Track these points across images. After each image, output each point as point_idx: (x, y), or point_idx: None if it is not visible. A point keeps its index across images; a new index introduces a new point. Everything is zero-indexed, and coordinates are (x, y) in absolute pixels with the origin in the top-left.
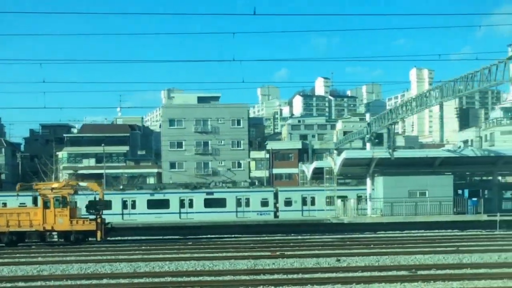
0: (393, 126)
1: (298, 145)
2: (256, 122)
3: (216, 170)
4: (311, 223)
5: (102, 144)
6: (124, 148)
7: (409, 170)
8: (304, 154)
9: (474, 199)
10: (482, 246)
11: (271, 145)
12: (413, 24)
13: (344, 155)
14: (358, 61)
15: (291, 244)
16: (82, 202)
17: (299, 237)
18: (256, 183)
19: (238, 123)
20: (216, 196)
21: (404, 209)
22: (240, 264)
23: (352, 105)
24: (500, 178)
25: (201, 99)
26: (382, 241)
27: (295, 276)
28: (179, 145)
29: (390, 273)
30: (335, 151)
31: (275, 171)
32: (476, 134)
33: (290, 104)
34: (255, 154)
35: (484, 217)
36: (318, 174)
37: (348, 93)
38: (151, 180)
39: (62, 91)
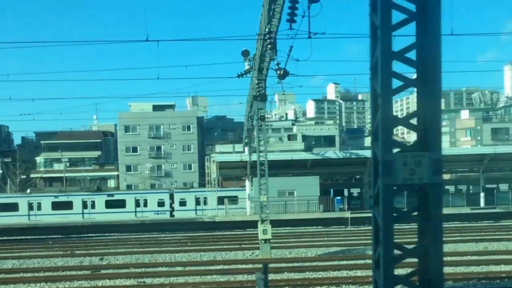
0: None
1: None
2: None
3: (168, 172)
4: (185, 222)
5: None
6: (96, 153)
7: (285, 171)
8: None
9: (338, 197)
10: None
11: (219, 148)
12: None
13: (216, 159)
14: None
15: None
16: None
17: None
18: (188, 185)
19: (188, 129)
20: (116, 197)
21: (273, 208)
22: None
23: (361, 108)
24: None
25: (156, 108)
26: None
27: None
28: (134, 149)
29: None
30: (214, 155)
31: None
32: None
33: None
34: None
35: (347, 214)
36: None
37: (359, 97)
38: (112, 183)
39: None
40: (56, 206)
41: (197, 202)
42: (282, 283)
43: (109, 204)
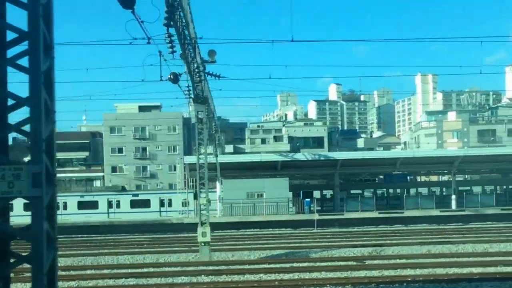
0: (217, 136)
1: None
2: (231, 126)
3: (154, 173)
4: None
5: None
6: (84, 154)
7: (256, 173)
8: None
9: (308, 199)
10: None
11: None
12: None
13: (185, 160)
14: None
15: None
16: None
17: None
18: (173, 186)
19: (174, 130)
20: (87, 199)
21: (242, 210)
22: None
23: (363, 109)
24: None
25: (142, 108)
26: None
27: None
28: (120, 150)
29: None
30: (185, 157)
31: None
32: (411, 137)
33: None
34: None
35: (316, 216)
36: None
37: (362, 98)
38: (98, 183)
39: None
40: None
41: (161, 203)
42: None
43: (82, 206)
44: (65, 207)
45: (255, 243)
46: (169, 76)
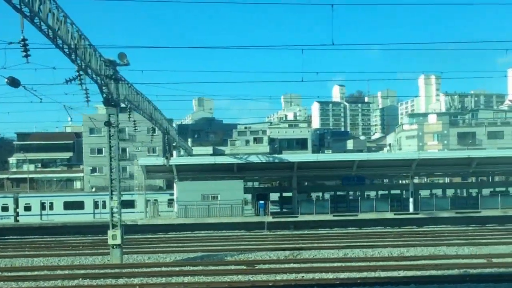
0: (167, 137)
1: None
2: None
3: (133, 174)
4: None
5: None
6: (68, 154)
7: (212, 175)
8: None
9: (261, 202)
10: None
11: (197, 150)
12: None
13: (140, 162)
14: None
15: None
16: None
17: None
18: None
19: (153, 131)
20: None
21: (196, 212)
22: None
23: (366, 110)
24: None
25: (123, 109)
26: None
27: None
28: (99, 151)
29: None
30: (140, 159)
31: None
32: (394, 138)
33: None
34: None
35: (268, 218)
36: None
37: (366, 99)
38: (78, 184)
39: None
40: None
41: (42, 207)
42: None
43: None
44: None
45: (180, 245)
46: (6, 80)
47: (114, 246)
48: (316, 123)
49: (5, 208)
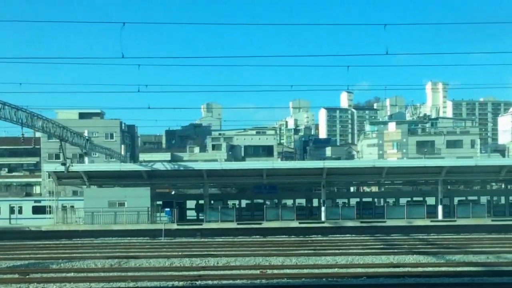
0: (64, 143)
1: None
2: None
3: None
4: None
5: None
6: (35, 159)
7: (123, 182)
8: None
9: (168, 209)
10: None
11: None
12: None
13: (46, 169)
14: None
15: None
16: None
17: None
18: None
19: (111, 137)
20: None
21: (102, 218)
22: None
23: (373, 117)
24: None
25: (82, 115)
26: None
27: None
28: (57, 156)
29: None
30: (44, 164)
31: None
32: (359, 146)
33: None
34: None
35: (175, 226)
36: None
37: (375, 105)
38: (37, 189)
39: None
40: None
41: (12, 210)
42: None
43: None
44: None
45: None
46: None
47: None
48: (323, 130)
49: None
